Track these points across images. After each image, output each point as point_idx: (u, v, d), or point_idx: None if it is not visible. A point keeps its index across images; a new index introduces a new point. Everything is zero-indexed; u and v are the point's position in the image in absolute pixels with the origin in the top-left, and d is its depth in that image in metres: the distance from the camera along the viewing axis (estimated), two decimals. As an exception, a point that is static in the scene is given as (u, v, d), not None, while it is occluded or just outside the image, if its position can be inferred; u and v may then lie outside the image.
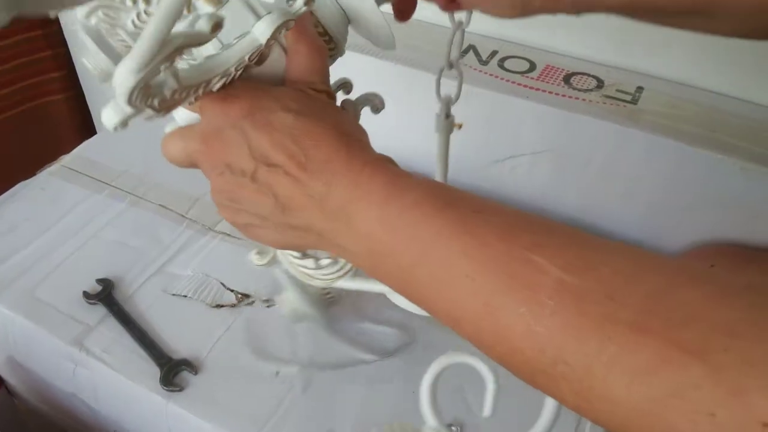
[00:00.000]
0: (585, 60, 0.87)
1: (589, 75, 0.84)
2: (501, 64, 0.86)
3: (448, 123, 0.58)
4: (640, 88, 0.82)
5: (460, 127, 0.59)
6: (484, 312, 0.30)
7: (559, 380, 0.28)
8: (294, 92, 0.39)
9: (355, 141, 0.37)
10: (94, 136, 0.98)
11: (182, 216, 0.84)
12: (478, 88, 0.81)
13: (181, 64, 0.36)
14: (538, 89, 0.81)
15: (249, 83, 0.39)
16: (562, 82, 0.83)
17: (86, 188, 0.88)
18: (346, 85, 0.47)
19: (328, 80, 0.42)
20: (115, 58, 0.47)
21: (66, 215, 0.84)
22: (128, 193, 0.87)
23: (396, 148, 0.92)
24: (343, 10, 0.45)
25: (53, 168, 0.91)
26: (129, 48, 0.47)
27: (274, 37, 0.36)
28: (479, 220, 0.32)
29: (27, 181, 0.89)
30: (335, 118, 0.38)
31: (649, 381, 0.25)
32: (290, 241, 0.40)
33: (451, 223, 0.32)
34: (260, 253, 0.50)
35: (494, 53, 0.88)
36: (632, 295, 0.27)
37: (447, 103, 0.57)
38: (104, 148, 0.95)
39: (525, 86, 0.82)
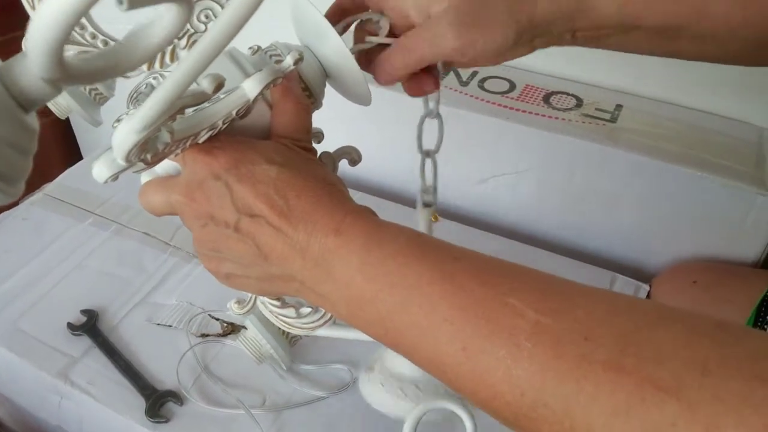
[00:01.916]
0: (564, 79, 0.88)
1: (568, 94, 0.85)
2: (481, 84, 0.86)
3: (427, 212, 0.57)
4: (619, 106, 0.83)
5: (436, 219, 0.59)
6: (463, 357, 0.30)
7: (541, 423, 0.28)
8: (278, 146, 0.40)
9: (336, 192, 0.38)
10: (77, 164, 0.98)
11: (166, 243, 0.84)
12: (459, 109, 0.82)
13: None
14: (518, 109, 0.82)
15: (232, 136, 0.39)
16: (542, 102, 0.83)
17: (69, 217, 0.88)
18: (317, 135, 0.47)
19: (310, 137, 0.43)
20: (80, 99, 0.47)
21: (49, 245, 0.83)
22: (112, 221, 0.87)
23: (382, 168, 0.93)
24: (322, 66, 0.45)
25: (35, 197, 0.91)
26: (95, 91, 0.47)
27: (261, 93, 0.37)
28: (458, 267, 0.32)
29: (9, 211, 0.89)
30: (317, 171, 0.39)
31: (627, 420, 0.25)
32: (273, 290, 0.40)
33: (430, 270, 0.32)
34: (239, 302, 0.51)
35: (474, 74, 0.89)
36: (606, 335, 0.27)
37: (426, 192, 0.57)
38: (87, 176, 0.94)
39: (505, 107, 0.83)
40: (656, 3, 0.44)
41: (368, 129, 0.88)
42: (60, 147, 1.30)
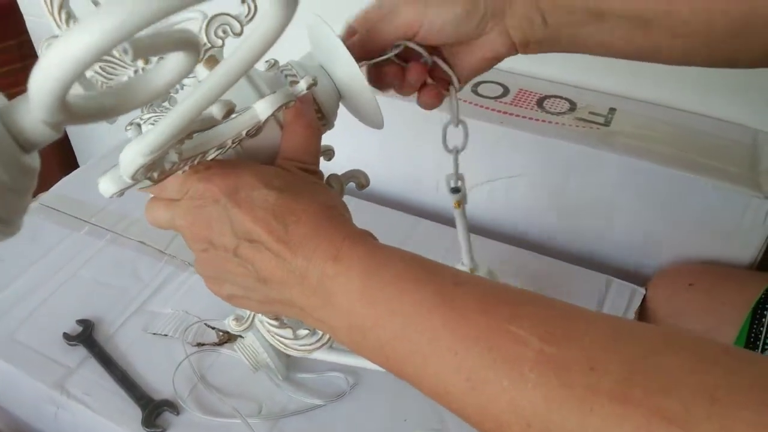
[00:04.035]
0: (558, 82, 0.88)
1: (561, 98, 0.85)
2: (474, 89, 0.87)
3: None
4: (612, 110, 0.83)
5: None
6: (468, 387, 0.30)
7: None
8: (278, 170, 0.40)
9: (337, 215, 0.38)
10: (72, 173, 0.97)
11: (162, 252, 0.83)
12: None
13: None
14: (511, 114, 0.82)
15: (234, 160, 0.39)
16: (536, 106, 0.83)
17: (65, 226, 0.88)
18: (328, 152, 0.47)
19: (318, 160, 0.43)
20: None
21: (45, 255, 0.83)
22: (107, 230, 0.87)
23: (383, 176, 0.92)
24: (337, 87, 0.46)
25: (31, 206, 0.91)
26: None
27: (273, 114, 0.37)
28: (459, 293, 0.32)
29: (4, 221, 0.88)
30: (319, 195, 0.39)
31: None
32: (274, 311, 0.41)
33: (431, 297, 0.32)
34: (237, 319, 0.51)
35: (468, 79, 0.89)
36: (612, 363, 0.27)
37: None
38: (82, 185, 0.95)
39: (499, 111, 0.83)
40: None
41: (370, 137, 0.88)
42: (56, 156, 1.30)
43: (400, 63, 0.50)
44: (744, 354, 0.26)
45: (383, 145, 0.89)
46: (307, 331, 0.48)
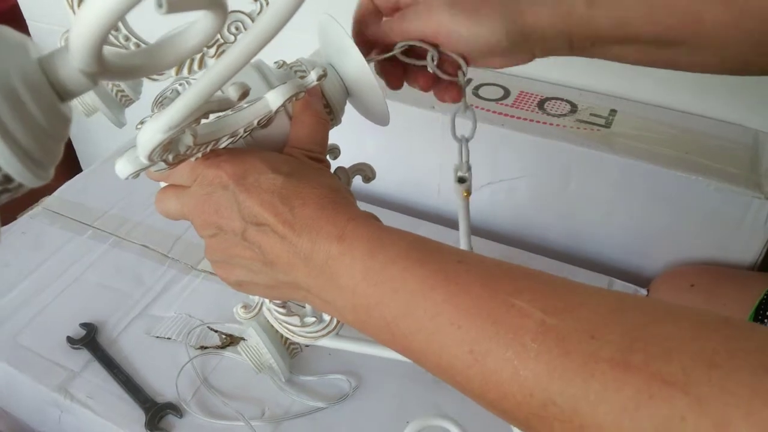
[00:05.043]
0: (559, 84, 0.88)
1: (562, 100, 0.85)
2: (476, 92, 0.87)
3: (461, 187, 0.58)
4: (613, 111, 0.83)
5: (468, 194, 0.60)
6: (471, 359, 0.30)
7: (552, 422, 0.28)
8: (286, 157, 0.41)
9: (341, 198, 0.38)
10: (75, 177, 0.98)
11: (164, 255, 0.84)
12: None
13: None
14: (513, 116, 0.82)
15: (243, 148, 0.41)
16: (537, 108, 0.84)
17: (68, 230, 0.88)
18: (334, 151, 0.49)
19: (325, 150, 0.44)
20: (106, 99, 0.49)
21: (48, 259, 0.84)
22: (110, 234, 0.87)
23: (385, 179, 0.93)
24: (345, 84, 0.47)
25: (34, 211, 0.91)
26: (121, 92, 0.49)
27: (283, 105, 0.38)
28: (461, 270, 0.33)
29: (8, 225, 0.89)
30: (323, 180, 0.39)
31: (636, 417, 0.25)
32: (281, 296, 0.41)
33: (434, 274, 0.33)
34: (245, 306, 0.51)
35: (469, 81, 0.89)
36: (613, 332, 0.27)
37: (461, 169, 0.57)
38: (85, 189, 0.95)
39: (500, 114, 0.83)
40: (653, 15, 0.45)
41: (371, 140, 0.89)
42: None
43: (404, 59, 0.50)
44: (743, 323, 0.27)
45: (385, 147, 0.90)
46: (314, 319, 0.49)
